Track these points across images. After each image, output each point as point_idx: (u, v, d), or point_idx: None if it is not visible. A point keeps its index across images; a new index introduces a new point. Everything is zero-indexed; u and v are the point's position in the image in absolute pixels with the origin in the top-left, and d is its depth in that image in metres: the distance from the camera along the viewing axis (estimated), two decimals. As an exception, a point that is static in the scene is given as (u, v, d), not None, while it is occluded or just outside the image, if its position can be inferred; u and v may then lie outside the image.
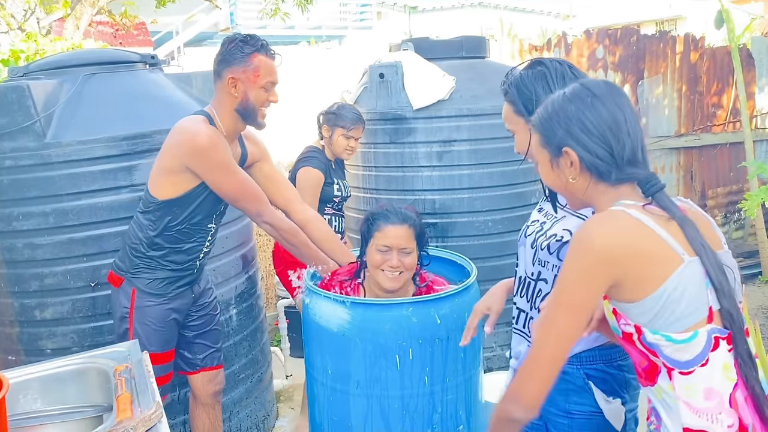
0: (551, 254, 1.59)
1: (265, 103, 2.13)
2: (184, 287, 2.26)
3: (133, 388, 1.53)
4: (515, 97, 1.60)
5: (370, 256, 2.13)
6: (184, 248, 2.19)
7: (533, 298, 1.65)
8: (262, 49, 2.09)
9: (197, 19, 13.48)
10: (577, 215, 1.57)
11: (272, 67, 2.12)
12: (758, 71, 5.97)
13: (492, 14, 17.40)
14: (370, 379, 1.97)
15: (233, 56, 2.08)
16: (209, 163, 2.06)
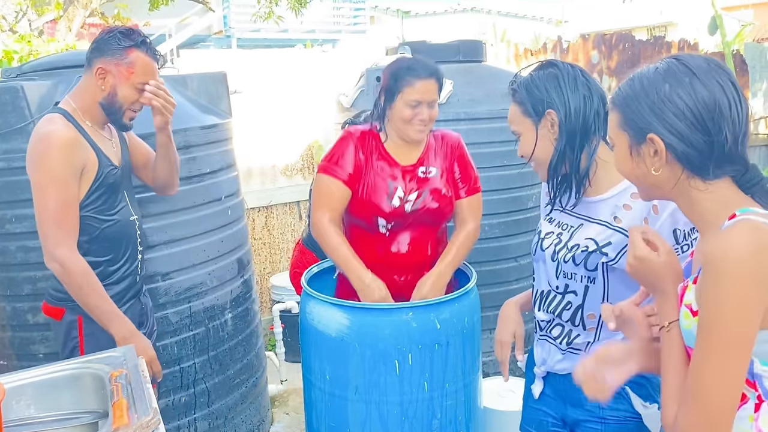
0: (578, 265, 1.56)
1: (134, 104, 1.95)
2: (131, 300, 2.09)
3: (130, 394, 1.50)
4: (524, 98, 1.57)
5: (399, 111, 2.08)
6: (120, 255, 2.02)
7: (559, 311, 1.63)
8: (142, 45, 1.92)
9: (190, 21, 13.43)
10: (597, 221, 1.55)
11: (150, 66, 1.94)
12: (751, 76, 6.00)
13: (485, 19, 17.48)
14: (368, 385, 1.95)
15: (108, 46, 1.90)
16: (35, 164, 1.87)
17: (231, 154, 2.86)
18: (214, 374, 2.69)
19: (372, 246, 2.15)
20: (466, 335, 2.02)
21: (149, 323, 2.21)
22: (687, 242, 1.44)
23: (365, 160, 2.14)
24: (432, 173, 2.18)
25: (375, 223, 2.14)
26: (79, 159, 1.88)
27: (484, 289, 2.37)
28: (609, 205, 1.54)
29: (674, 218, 1.43)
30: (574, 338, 1.62)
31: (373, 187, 2.12)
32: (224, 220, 2.73)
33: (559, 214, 1.65)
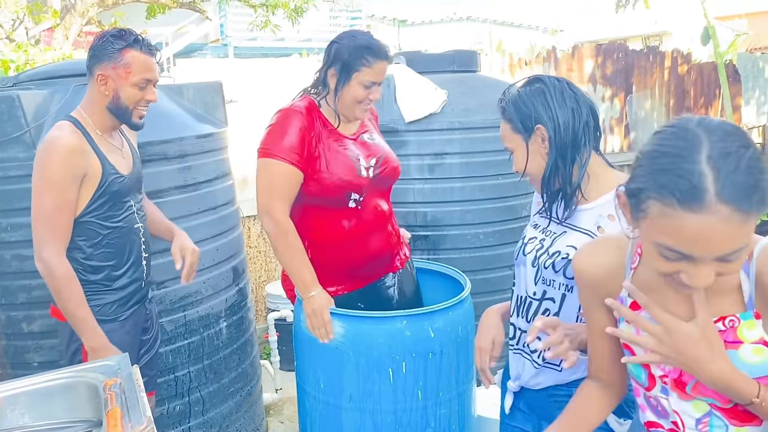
0: (557, 272, 1.57)
1: (140, 102, 1.97)
2: (136, 305, 2.11)
3: (124, 403, 1.51)
4: (513, 115, 1.58)
5: (354, 90, 2.03)
6: (123, 261, 2.04)
7: (531, 320, 1.64)
8: (136, 44, 1.93)
9: (187, 30, 13.48)
10: (580, 230, 1.56)
11: (147, 63, 1.95)
12: (744, 86, 6.06)
13: (480, 28, 17.57)
14: (363, 393, 1.96)
15: (103, 51, 1.93)
16: (38, 168, 1.90)
17: (226, 163, 2.87)
18: (208, 383, 2.69)
19: (339, 223, 2.10)
20: (460, 344, 2.03)
21: (154, 330, 2.24)
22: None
23: (316, 137, 2.04)
24: (375, 139, 2.20)
25: (345, 199, 2.07)
26: (80, 166, 1.91)
27: (477, 297, 2.38)
28: (593, 214, 1.55)
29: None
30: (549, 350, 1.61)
31: (338, 163, 2.05)
32: (219, 229, 2.74)
33: (545, 220, 1.66)
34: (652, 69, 5.59)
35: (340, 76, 2.03)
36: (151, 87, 1.99)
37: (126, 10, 8.31)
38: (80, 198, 1.95)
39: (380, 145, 2.20)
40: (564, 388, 1.61)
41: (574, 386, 1.52)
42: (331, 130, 2.09)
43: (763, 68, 6.22)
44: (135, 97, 1.95)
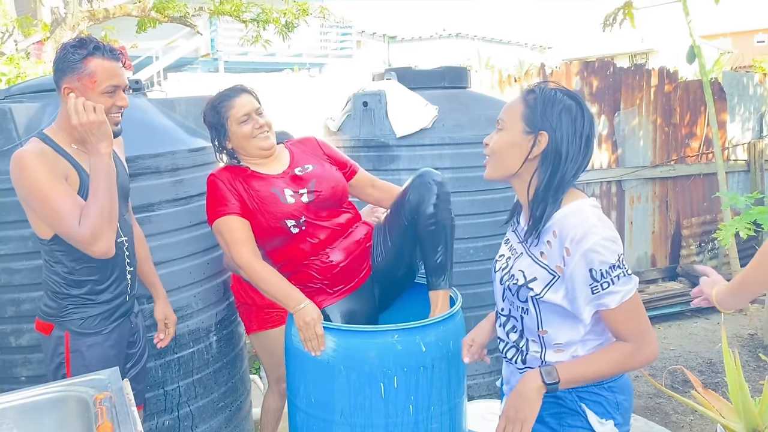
0: (513, 295, 1.61)
1: (111, 108, 1.91)
2: (120, 318, 2.07)
3: (114, 417, 1.50)
4: (536, 106, 1.53)
5: (237, 134, 2.20)
6: (107, 276, 2.01)
7: (507, 332, 1.68)
8: (97, 51, 1.88)
9: (178, 44, 13.50)
10: (529, 254, 1.57)
11: (112, 68, 1.90)
12: (729, 104, 6.14)
13: (469, 45, 17.73)
14: (354, 408, 1.96)
15: (66, 64, 1.87)
16: (21, 187, 1.85)
17: (218, 177, 2.87)
18: (198, 397, 2.67)
19: (298, 249, 2.21)
20: (451, 358, 2.03)
21: (141, 344, 2.21)
22: (606, 279, 1.46)
23: (241, 188, 2.19)
24: (310, 168, 2.26)
25: (285, 228, 2.17)
26: (57, 167, 1.87)
27: (469, 312, 2.39)
28: (541, 238, 1.56)
29: (588, 259, 1.45)
30: (526, 357, 1.65)
31: (262, 201, 2.17)
32: (210, 243, 2.73)
33: (513, 236, 1.69)
34: (639, 86, 5.67)
35: (220, 135, 2.25)
36: (121, 92, 1.94)
37: (116, 23, 8.31)
38: None
39: (313, 173, 2.26)
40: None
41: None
42: (253, 175, 2.22)
43: (747, 86, 6.32)
44: (105, 104, 1.90)
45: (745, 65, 10.53)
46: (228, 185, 2.19)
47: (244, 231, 2.15)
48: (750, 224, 4.15)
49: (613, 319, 1.52)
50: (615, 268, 1.46)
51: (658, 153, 5.79)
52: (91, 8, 7.99)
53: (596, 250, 1.45)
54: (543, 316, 1.57)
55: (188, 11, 8.97)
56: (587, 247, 1.45)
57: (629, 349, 1.53)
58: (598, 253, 1.45)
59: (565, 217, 1.52)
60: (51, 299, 2.01)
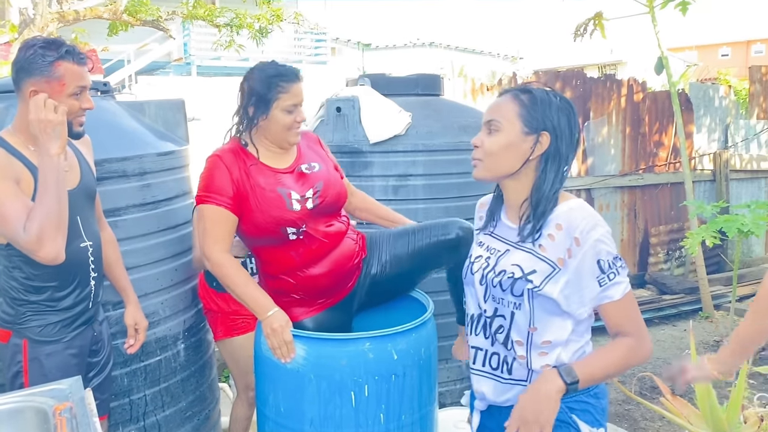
0: (504, 291, 1.58)
1: (77, 111, 1.89)
2: (82, 326, 2.02)
3: (74, 428, 1.45)
4: (532, 107, 1.54)
5: (277, 119, 2.04)
6: (68, 282, 1.95)
7: (492, 334, 1.64)
8: (68, 55, 1.85)
9: (150, 48, 13.34)
10: (523, 249, 1.57)
11: (80, 72, 1.87)
12: (696, 114, 6.27)
13: (443, 54, 17.86)
14: (324, 418, 1.93)
15: (33, 65, 1.81)
16: None
17: (187, 182, 2.83)
18: (165, 406, 2.61)
19: (288, 255, 2.10)
20: (423, 366, 2.02)
21: (105, 352, 2.15)
22: (612, 270, 1.50)
23: (242, 178, 2.05)
24: (316, 168, 2.15)
25: (284, 234, 2.06)
26: (9, 170, 1.80)
27: (441, 318, 2.37)
28: (541, 232, 1.57)
29: (596, 249, 1.49)
30: (512, 365, 1.62)
31: (266, 201, 2.04)
32: (179, 248, 2.68)
33: (488, 238, 1.68)
34: (609, 96, 5.75)
35: (257, 110, 2.05)
36: (86, 94, 1.91)
37: (87, 26, 8.19)
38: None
39: (320, 174, 2.14)
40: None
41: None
42: (260, 166, 2.07)
43: (713, 98, 6.45)
44: (73, 108, 1.87)
45: (710, 77, 10.78)
46: (229, 173, 2.04)
47: (226, 227, 2.04)
48: (716, 232, 4.23)
49: (616, 312, 1.54)
50: (618, 259, 1.51)
51: (627, 162, 5.88)
52: (60, 10, 7.85)
53: (604, 241, 1.50)
54: (535, 312, 1.56)
55: (161, 15, 8.88)
56: (597, 237, 1.49)
57: (632, 343, 1.54)
58: (605, 244, 1.50)
59: (570, 210, 1.54)
60: (9, 306, 1.94)
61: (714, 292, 5.38)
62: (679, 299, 5.38)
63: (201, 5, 9.73)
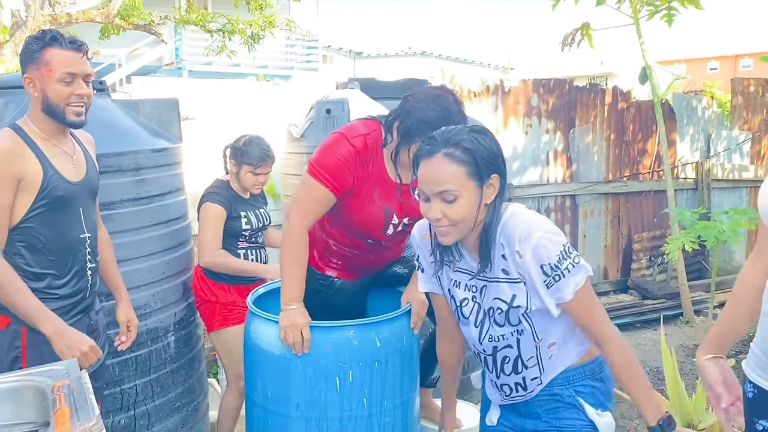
0: (502, 326, 1.64)
1: (68, 97, 1.93)
2: (79, 314, 2.09)
3: (72, 404, 1.52)
4: (471, 159, 1.52)
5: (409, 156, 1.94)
6: (66, 270, 2.03)
7: (499, 370, 1.72)
8: (54, 41, 1.91)
9: (142, 52, 13.38)
10: (495, 280, 1.62)
11: (68, 57, 1.92)
12: (679, 124, 6.41)
13: (434, 63, 18.00)
14: (309, 402, 2.01)
15: (26, 55, 1.93)
16: None
17: (180, 178, 2.91)
18: (155, 396, 2.68)
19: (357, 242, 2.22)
20: (405, 354, 2.10)
21: (100, 341, 2.21)
22: (557, 272, 1.52)
23: (363, 176, 2.05)
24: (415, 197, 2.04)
25: (363, 240, 2.20)
26: (13, 169, 1.90)
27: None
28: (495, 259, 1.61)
29: (537, 255, 1.52)
30: (526, 382, 1.71)
31: (369, 214, 2.09)
32: (170, 243, 2.76)
33: (460, 275, 1.69)
34: (594, 104, 5.89)
35: (401, 139, 2.00)
36: (79, 81, 1.95)
37: (79, 29, 8.23)
38: (20, 202, 1.92)
39: (416, 203, 2.07)
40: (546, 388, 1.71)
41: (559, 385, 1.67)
42: (383, 177, 2.07)
43: (696, 108, 6.61)
44: (62, 93, 1.92)
45: (696, 89, 10.96)
46: (355, 164, 2.02)
47: (320, 207, 2.07)
48: (695, 238, 4.35)
49: (573, 312, 1.57)
50: (562, 260, 1.51)
51: (611, 169, 6.01)
52: (53, 12, 7.91)
53: (542, 245, 1.50)
54: (536, 326, 1.63)
55: (153, 19, 8.95)
56: (534, 244, 1.50)
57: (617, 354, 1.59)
58: (545, 248, 1.50)
59: (505, 224, 1.56)
60: None
61: (694, 298, 5.50)
62: (661, 304, 5.49)
63: (194, 10, 9.81)
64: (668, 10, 4.99)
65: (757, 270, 1.61)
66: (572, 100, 5.76)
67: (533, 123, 5.62)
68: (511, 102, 5.52)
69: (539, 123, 5.64)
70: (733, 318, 1.67)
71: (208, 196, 2.88)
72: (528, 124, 5.61)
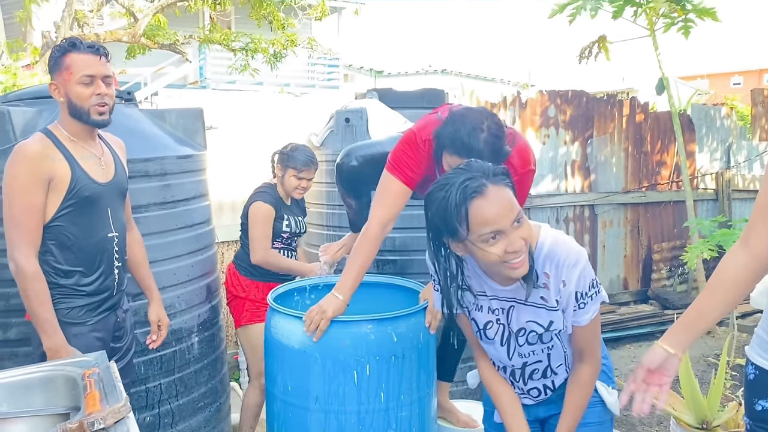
0: (533, 344, 1.71)
1: (89, 98, 2.04)
2: (106, 312, 2.18)
3: (102, 389, 1.60)
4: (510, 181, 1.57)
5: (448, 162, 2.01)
6: (93, 267, 2.12)
7: (527, 379, 1.80)
8: (73, 47, 2.04)
9: (167, 71, 13.68)
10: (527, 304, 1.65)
11: (86, 60, 2.04)
12: (698, 135, 6.40)
13: (454, 81, 18.10)
14: (328, 395, 2.06)
15: (51, 64, 2.08)
16: (5, 176, 2.02)
17: (204, 184, 3.01)
18: (179, 396, 2.76)
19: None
20: (421, 349, 2.15)
21: (127, 339, 2.30)
22: (584, 300, 1.60)
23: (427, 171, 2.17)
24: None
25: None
26: (44, 171, 2.01)
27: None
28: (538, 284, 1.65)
29: (577, 284, 1.59)
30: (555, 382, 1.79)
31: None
32: (195, 246, 2.85)
33: (483, 299, 1.72)
34: (611, 115, 5.91)
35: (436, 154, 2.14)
36: (98, 81, 2.05)
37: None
38: (50, 202, 2.04)
39: None
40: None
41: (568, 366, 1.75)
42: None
43: (715, 118, 6.59)
44: (83, 94, 2.04)
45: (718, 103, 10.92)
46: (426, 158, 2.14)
47: (398, 199, 2.22)
48: (714, 246, 4.33)
49: (579, 335, 1.67)
50: (591, 288, 1.61)
51: (629, 179, 6.01)
52: (81, 33, 8.17)
53: (584, 275, 1.59)
54: (563, 341, 1.72)
55: (178, 39, 9.18)
56: (578, 274, 1.57)
57: (590, 372, 1.71)
58: (584, 278, 1.59)
59: (550, 252, 1.58)
60: None
61: (716, 308, 5.44)
62: (681, 314, 5.45)
63: (217, 30, 10.04)
64: (685, 22, 5.02)
65: (740, 259, 1.45)
66: (590, 111, 5.80)
67: (551, 134, 5.67)
68: (528, 113, 5.58)
69: (557, 134, 5.68)
70: (706, 305, 1.50)
71: (257, 195, 3.05)
72: (546, 134, 5.65)
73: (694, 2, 4.86)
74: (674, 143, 6.07)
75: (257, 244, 2.96)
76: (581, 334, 1.66)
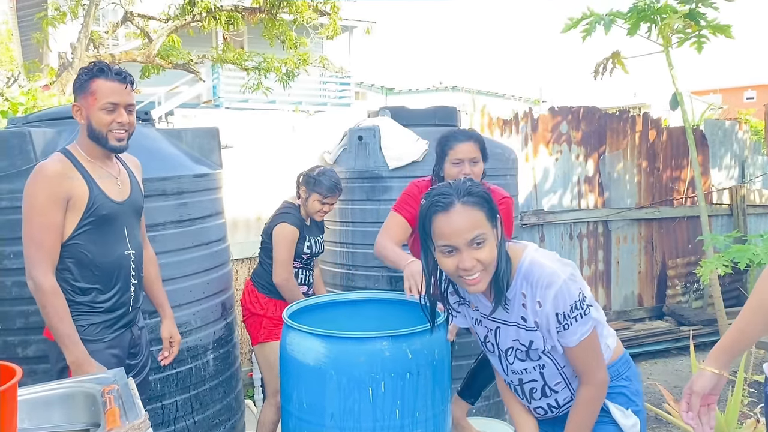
0: (524, 361, 1.74)
1: (109, 124, 2.09)
2: (122, 329, 2.21)
3: (121, 405, 1.62)
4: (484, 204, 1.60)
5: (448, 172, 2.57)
6: (110, 285, 2.15)
7: (528, 397, 1.82)
8: (101, 73, 2.08)
9: (180, 90, 13.85)
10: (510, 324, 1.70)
11: (112, 88, 2.08)
12: (712, 150, 6.38)
13: (465, 97, 18.16)
14: (343, 412, 2.07)
15: (76, 86, 2.12)
16: (24, 195, 2.05)
17: (220, 203, 3.04)
18: (194, 412, 2.77)
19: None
20: (436, 366, 2.15)
21: (143, 356, 2.32)
22: (568, 321, 1.61)
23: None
24: None
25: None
26: (62, 190, 2.05)
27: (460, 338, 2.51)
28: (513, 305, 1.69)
29: (554, 304, 1.60)
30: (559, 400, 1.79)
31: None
32: (210, 264, 2.88)
33: (477, 314, 1.79)
34: (624, 131, 5.91)
35: (437, 162, 2.65)
36: (121, 110, 2.10)
37: (122, 68, 8.61)
38: (69, 221, 2.08)
39: None
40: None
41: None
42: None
43: (729, 134, 6.57)
44: (104, 120, 2.09)
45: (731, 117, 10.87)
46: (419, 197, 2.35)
47: (398, 230, 2.66)
48: (729, 262, 4.30)
49: (571, 356, 1.68)
50: (574, 309, 1.60)
51: (643, 195, 5.99)
52: (97, 53, 8.31)
53: (561, 295, 1.59)
54: (557, 359, 1.73)
55: (192, 58, 9.31)
56: (554, 294, 1.59)
57: (588, 392, 1.69)
58: (562, 299, 1.59)
59: (526, 273, 1.63)
60: None
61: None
62: (697, 330, 5.40)
63: (230, 49, 10.18)
64: (698, 38, 5.03)
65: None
66: (602, 127, 5.80)
67: (563, 150, 5.67)
68: (540, 129, 5.59)
69: (569, 150, 5.69)
70: (748, 325, 1.52)
71: (282, 216, 3.04)
72: (558, 150, 5.65)
73: (709, 18, 4.86)
74: (688, 158, 6.05)
75: (281, 267, 2.96)
76: (573, 354, 1.66)
